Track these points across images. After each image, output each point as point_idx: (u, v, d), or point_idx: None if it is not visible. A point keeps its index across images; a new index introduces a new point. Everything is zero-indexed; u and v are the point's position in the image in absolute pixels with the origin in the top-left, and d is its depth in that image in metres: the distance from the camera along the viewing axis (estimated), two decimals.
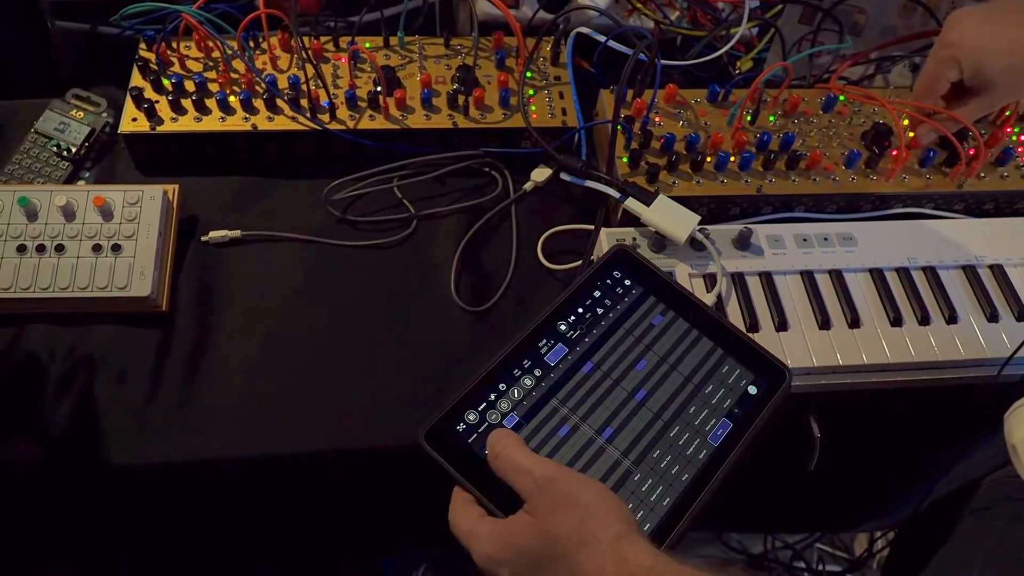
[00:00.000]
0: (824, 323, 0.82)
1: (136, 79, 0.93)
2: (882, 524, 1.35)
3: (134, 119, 0.90)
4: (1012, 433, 0.70)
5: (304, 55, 0.93)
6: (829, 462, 0.86)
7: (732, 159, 0.90)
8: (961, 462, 1.03)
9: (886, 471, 1.09)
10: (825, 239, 0.87)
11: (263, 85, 0.91)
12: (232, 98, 0.92)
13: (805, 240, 0.87)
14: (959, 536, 0.90)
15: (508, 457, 0.58)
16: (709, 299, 0.81)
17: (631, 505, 0.62)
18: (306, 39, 0.97)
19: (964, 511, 0.91)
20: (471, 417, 0.64)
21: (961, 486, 1.03)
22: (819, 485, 0.93)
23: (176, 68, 0.95)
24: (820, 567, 1.72)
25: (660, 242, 0.84)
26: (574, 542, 0.52)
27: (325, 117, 0.92)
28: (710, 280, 0.84)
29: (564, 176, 0.90)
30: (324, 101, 0.92)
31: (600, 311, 0.71)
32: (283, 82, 0.94)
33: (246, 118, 0.92)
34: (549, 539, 0.53)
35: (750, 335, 0.75)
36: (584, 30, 0.95)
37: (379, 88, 0.93)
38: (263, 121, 0.92)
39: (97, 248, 0.82)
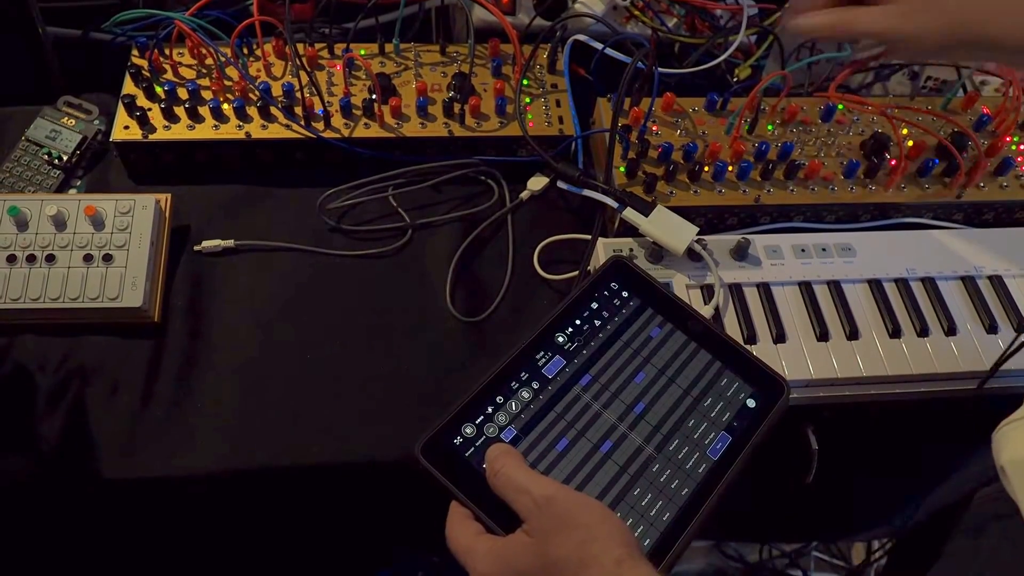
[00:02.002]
0: (822, 335, 0.81)
1: (128, 86, 0.92)
2: (878, 534, 1.35)
3: (126, 127, 0.89)
4: (1000, 454, 0.69)
5: (298, 62, 0.93)
6: (826, 472, 0.86)
7: (730, 169, 0.89)
8: (958, 473, 1.03)
9: (883, 482, 1.09)
10: (823, 250, 0.87)
11: (257, 93, 0.91)
12: (226, 106, 0.91)
13: (803, 251, 0.87)
14: (953, 554, 0.89)
15: (507, 475, 0.57)
16: (707, 311, 0.80)
17: (631, 520, 0.61)
18: (300, 46, 0.96)
19: (957, 528, 0.90)
20: (468, 430, 0.63)
21: (957, 498, 1.02)
22: (815, 495, 0.93)
23: (169, 75, 0.94)
24: None
25: (657, 252, 0.84)
26: (574, 565, 0.51)
27: (320, 125, 0.91)
28: (708, 291, 0.83)
29: (562, 185, 0.90)
30: (319, 109, 0.91)
31: (598, 323, 0.71)
32: (277, 89, 0.93)
33: (240, 126, 0.91)
34: (548, 561, 0.52)
35: (748, 347, 0.75)
36: (581, 38, 0.95)
37: (374, 96, 0.92)
38: (257, 129, 0.91)
39: (88, 258, 0.81)
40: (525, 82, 0.98)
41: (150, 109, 0.90)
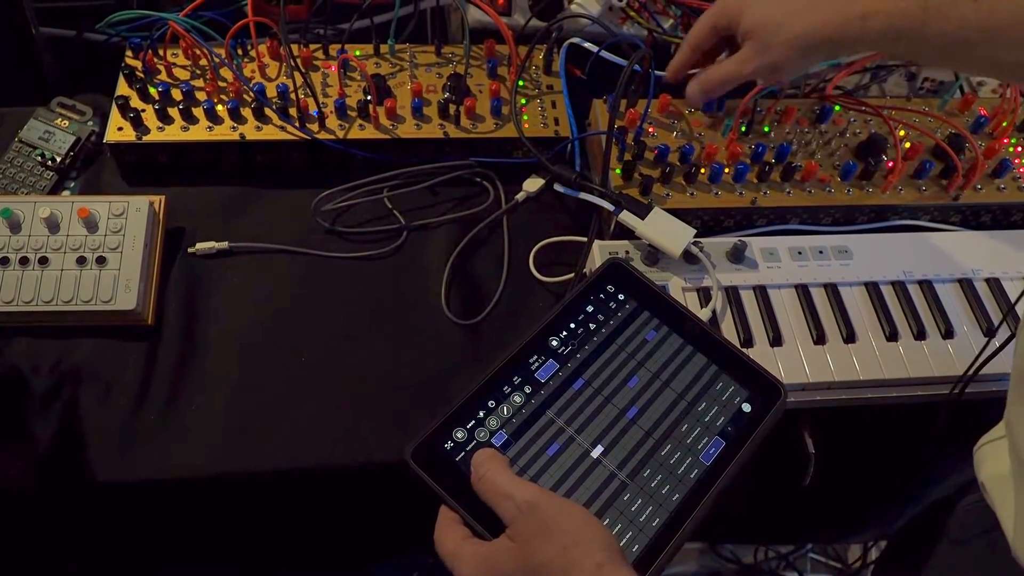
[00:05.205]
0: (819, 338, 0.81)
1: (122, 87, 0.92)
2: (875, 535, 1.35)
3: (120, 128, 0.89)
4: (980, 470, 0.70)
5: (293, 63, 0.92)
6: (822, 474, 0.85)
7: (727, 171, 0.89)
8: (953, 475, 1.03)
9: (879, 484, 1.08)
10: (820, 252, 0.87)
11: (251, 94, 0.90)
12: (220, 107, 0.91)
13: (800, 253, 0.86)
14: (939, 564, 0.89)
15: (491, 480, 0.57)
16: (704, 314, 0.80)
17: (620, 526, 0.61)
18: (295, 47, 0.96)
19: (943, 537, 0.90)
20: (459, 435, 0.63)
21: (947, 499, 1.02)
22: (812, 497, 0.92)
23: (163, 76, 0.94)
24: None
25: (653, 255, 0.83)
26: (556, 569, 0.51)
27: (314, 126, 0.91)
28: (704, 294, 0.83)
29: (558, 187, 0.90)
30: (313, 110, 0.91)
31: (592, 326, 0.70)
32: (271, 91, 0.93)
33: (234, 127, 0.90)
34: (531, 566, 0.52)
35: (744, 350, 0.74)
36: (576, 40, 0.94)
37: (369, 97, 0.92)
38: (251, 130, 0.90)
39: (82, 260, 0.80)
40: (521, 83, 0.98)
41: (144, 110, 0.90)
